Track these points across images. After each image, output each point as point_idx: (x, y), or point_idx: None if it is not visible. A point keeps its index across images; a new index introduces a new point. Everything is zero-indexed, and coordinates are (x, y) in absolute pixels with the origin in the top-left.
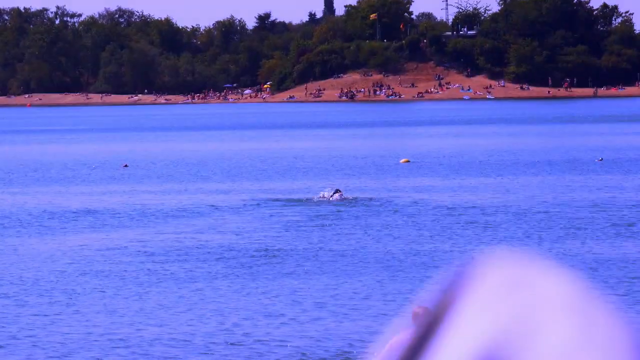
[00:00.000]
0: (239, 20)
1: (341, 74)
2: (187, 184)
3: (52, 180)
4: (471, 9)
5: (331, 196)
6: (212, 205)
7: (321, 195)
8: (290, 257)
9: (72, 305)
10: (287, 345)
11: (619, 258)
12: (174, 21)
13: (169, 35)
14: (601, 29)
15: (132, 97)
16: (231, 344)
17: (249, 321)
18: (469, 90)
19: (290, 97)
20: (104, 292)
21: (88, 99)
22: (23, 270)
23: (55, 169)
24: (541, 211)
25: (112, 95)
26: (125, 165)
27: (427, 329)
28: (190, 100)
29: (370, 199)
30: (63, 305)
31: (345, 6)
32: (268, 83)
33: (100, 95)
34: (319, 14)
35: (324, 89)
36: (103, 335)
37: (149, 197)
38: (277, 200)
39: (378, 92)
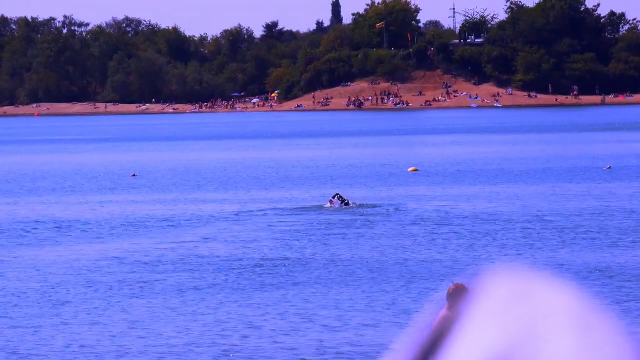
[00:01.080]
0: (247, 29)
1: (349, 82)
2: (193, 193)
3: (60, 190)
4: (478, 17)
5: (333, 201)
6: (218, 214)
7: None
8: (293, 267)
9: (63, 315)
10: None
11: (625, 266)
12: (181, 30)
13: (176, 44)
14: (608, 36)
15: (139, 106)
16: (226, 355)
17: (242, 332)
18: (476, 98)
19: (298, 106)
20: (99, 301)
21: (96, 108)
22: (23, 280)
23: (62, 178)
24: (549, 219)
25: (120, 105)
26: (134, 175)
27: (435, 340)
28: (198, 109)
29: (378, 207)
30: (54, 315)
31: (353, 14)
32: (275, 91)
33: (108, 104)
34: (327, 23)
35: (332, 98)
36: (90, 346)
37: (156, 206)
38: (282, 208)
39: (385, 101)
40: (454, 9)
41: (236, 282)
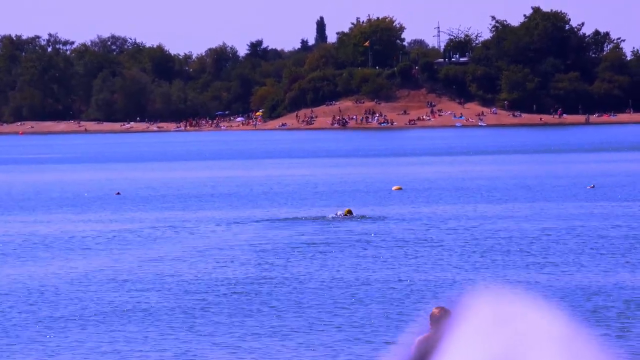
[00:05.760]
0: (231, 47)
1: (333, 101)
2: (177, 212)
3: (45, 208)
4: (463, 36)
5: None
6: (197, 232)
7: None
8: (269, 289)
9: (38, 337)
10: None
11: (607, 286)
12: (166, 48)
13: (161, 62)
14: (593, 55)
15: (124, 124)
16: None
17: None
18: (461, 117)
19: (282, 125)
20: (72, 323)
21: (80, 126)
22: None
23: (47, 197)
24: (532, 238)
25: (105, 123)
26: (118, 193)
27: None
28: (183, 128)
29: (364, 225)
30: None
31: (337, 33)
32: (260, 110)
33: (92, 123)
34: (311, 41)
35: (316, 116)
36: None
37: (138, 224)
38: (262, 225)
39: (370, 119)
40: (438, 28)
41: (214, 304)
